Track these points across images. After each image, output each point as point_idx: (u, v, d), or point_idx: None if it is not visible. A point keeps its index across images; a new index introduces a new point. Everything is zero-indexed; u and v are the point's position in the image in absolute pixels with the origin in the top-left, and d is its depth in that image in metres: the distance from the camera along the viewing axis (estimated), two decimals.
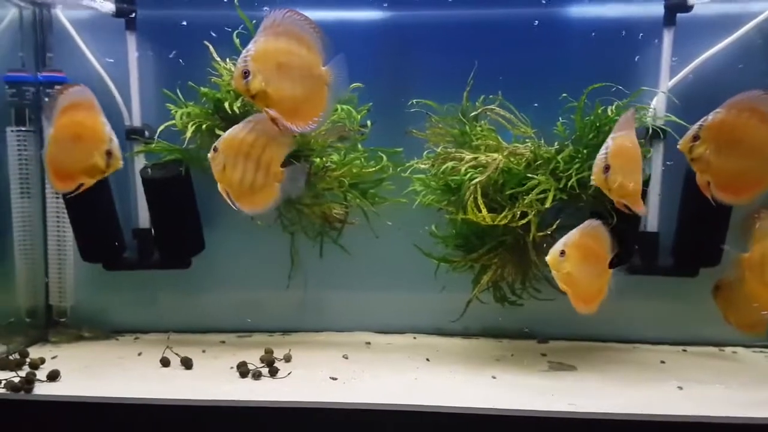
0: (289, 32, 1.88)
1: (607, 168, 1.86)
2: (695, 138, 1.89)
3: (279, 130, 1.93)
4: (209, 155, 2.02)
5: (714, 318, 2.21)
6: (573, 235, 1.94)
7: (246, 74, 1.84)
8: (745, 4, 2.26)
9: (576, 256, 1.91)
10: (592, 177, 1.91)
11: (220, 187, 2.01)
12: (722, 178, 1.89)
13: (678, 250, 2.26)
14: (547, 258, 1.93)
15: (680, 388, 1.94)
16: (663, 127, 2.24)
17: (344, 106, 2.26)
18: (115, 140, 2.00)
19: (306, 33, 1.89)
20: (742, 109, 1.86)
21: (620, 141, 1.90)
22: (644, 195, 2.21)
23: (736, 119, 1.86)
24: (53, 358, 2.20)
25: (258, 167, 1.97)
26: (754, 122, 1.85)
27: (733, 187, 1.90)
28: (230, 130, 2.01)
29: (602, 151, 1.89)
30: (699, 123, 1.90)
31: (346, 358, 2.23)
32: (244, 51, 1.86)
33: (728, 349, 2.38)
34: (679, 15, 2.23)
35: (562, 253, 1.90)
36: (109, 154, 1.97)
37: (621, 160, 1.88)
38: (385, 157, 2.28)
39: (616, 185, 1.87)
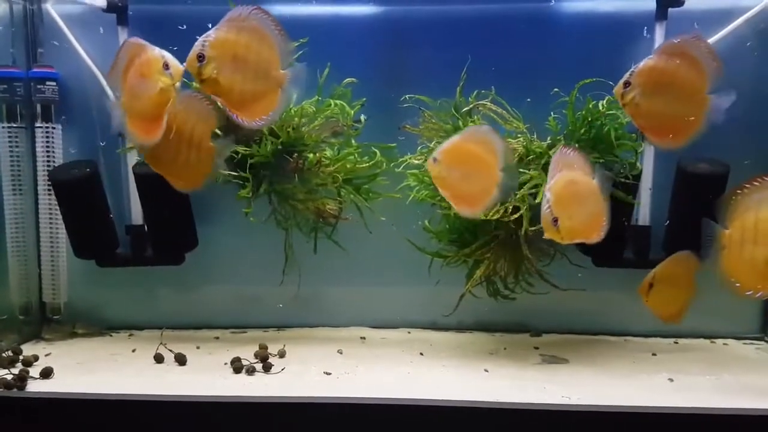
0: (253, 28, 1.87)
1: (555, 221, 1.82)
2: (626, 84, 1.88)
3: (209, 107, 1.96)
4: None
5: (705, 311, 2.23)
6: (450, 140, 1.94)
7: (201, 58, 1.84)
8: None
9: (447, 161, 1.91)
10: (544, 234, 1.85)
11: (156, 169, 2.01)
12: (653, 122, 1.89)
13: (669, 244, 2.27)
14: (427, 165, 1.95)
15: (671, 380, 1.96)
16: None
17: (338, 102, 2.25)
18: (165, 52, 1.91)
19: (269, 32, 1.88)
20: (672, 54, 1.85)
21: (557, 188, 1.84)
22: (636, 189, 2.24)
23: (665, 64, 1.85)
24: (47, 355, 2.20)
25: (191, 145, 1.97)
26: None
27: (663, 131, 1.89)
28: None
29: (545, 205, 1.83)
30: (631, 69, 1.89)
31: (341, 353, 2.24)
32: (203, 35, 1.86)
33: (719, 341, 2.41)
34: (670, 9, 2.23)
35: (435, 159, 1.92)
36: (166, 66, 1.89)
37: (565, 207, 1.83)
38: (378, 153, 2.28)
39: (567, 233, 1.83)
